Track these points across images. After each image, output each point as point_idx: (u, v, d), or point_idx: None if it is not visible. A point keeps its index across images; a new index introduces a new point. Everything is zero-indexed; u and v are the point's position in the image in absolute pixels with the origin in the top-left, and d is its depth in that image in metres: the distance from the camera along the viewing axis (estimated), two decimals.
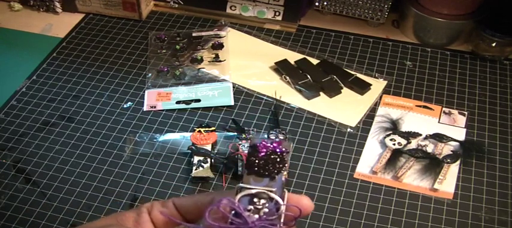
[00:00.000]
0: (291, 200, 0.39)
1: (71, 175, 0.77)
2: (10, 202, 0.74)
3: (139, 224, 0.42)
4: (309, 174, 0.77)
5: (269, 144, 0.42)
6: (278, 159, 0.41)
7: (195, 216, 0.41)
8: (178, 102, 0.87)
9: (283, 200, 0.39)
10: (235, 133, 0.81)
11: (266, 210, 0.38)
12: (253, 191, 0.39)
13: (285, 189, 0.40)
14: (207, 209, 0.37)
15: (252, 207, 0.38)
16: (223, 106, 0.87)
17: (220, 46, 0.97)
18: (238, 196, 0.39)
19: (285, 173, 0.41)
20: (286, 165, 0.41)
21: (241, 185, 0.40)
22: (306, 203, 0.40)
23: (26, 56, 0.98)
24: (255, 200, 0.39)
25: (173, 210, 0.42)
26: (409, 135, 0.82)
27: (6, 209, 0.73)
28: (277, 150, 0.41)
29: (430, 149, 0.80)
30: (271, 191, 0.39)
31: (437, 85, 0.91)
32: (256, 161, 0.41)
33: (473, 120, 0.85)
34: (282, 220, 0.38)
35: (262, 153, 0.41)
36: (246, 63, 0.95)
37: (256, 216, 0.38)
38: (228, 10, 1.05)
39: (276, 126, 0.82)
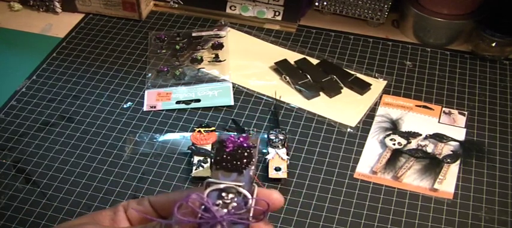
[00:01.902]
0: (261, 194, 0.40)
1: (71, 175, 0.77)
2: (10, 202, 0.74)
3: (116, 222, 0.42)
4: (309, 174, 0.77)
5: (236, 140, 0.42)
6: (245, 154, 0.41)
7: (169, 213, 0.42)
8: (178, 102, 0.87)
9: (252, 195, 0.39)
10: (235, 133, 0.81)
11: (235, 204, 0.39)
12: (222, 186, 0.40)
13: (254, 184, 0.40)
14: (176, 205, 0.38)
15: (220, 201, 0.39)
16: (223, 106, 0.87)
17: (220, 46, 0.97)
18: (207, 191, 0.39)
19: (253, 167, 0.41)
20: (253, 159, 0.41)
21: (209, 180, 0.40)
22: (275, 197, 0.40)
23: (26, 56, 0.98)
24: (224, 194, 0.39)
25: (148, 208, 0.43)
26: (409, 135, 0.82)
27: (6, 209, 0.73)
28: (245, 144, 0.42)
29: (430, 149, 0.80)
30: (239, 186, 0.40)
31: (437, 85, 0.91)
32: (224, 156, 0.41)
33: (473, 120, 0.85)
34: (251, 214, 0.39)
35: (229, 148, 0.42)
36: (246, 63, 0.95)
37: (225, 210, 0.38)
38: (228, 10, 1.05)
39: (276, 126, 0.82)
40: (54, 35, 1.03)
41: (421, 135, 0.82)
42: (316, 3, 1.04)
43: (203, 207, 0.38)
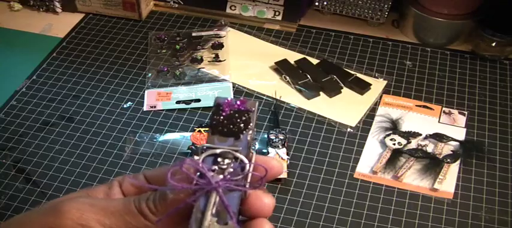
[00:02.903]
0: (259, 160, 0.39)
1: (71, 175, 0.77)
2: (10, 202, 0.74)
3: (110, 196, 0.42)
4: (309, 174, 0.77)
5: (233, 103, 0.40)
6: (243, 118, 0.40)
7: (165, 186, 0.41)
8: (178, 102, 0.87)
9: (250, 161, 0.38)
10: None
11: (231, 170, 0.37)
12: (218, 151, 0.38)
13: (252, 150, 0.39)
14: (169, 170, 0.37)
15: (216, 167, 0.37)
16: None
17: (220, 46, 0.97)
18: (202, 156, 0.38)
19: (251, 132, 0.39)
20: (251, 124, 0.40)
21: (205, 145, 0.38)
22: (274, 164, 0.39)
23: (26, 56, 0.98)
24: (219, 160, 0.38)
25: (143, 182, 0.43)
26: (409, 135, 0.82)
27: (6, 209, 0.73)
28: (242, 108, 0.40)
29: (430, 148, 0.80)
30: (235, 150, 0.38)
31: (437, 85, 0.91)
32: (220, 120, 0.40)
33: (473, 120, 0.85)
34: (248, 180, 0.37)
35: (226, 112, 0.40)
36: (246, 63, 0.95)
37: (221, 176, 0.37)
38: (228, 10, 1.05)
39: (276, 126, 0.82)
40: (54, 35, 1.03)
41: (421, 135, 0.82)
42: (316, 3, 1.04)
43: (198, 173, 0.37)
